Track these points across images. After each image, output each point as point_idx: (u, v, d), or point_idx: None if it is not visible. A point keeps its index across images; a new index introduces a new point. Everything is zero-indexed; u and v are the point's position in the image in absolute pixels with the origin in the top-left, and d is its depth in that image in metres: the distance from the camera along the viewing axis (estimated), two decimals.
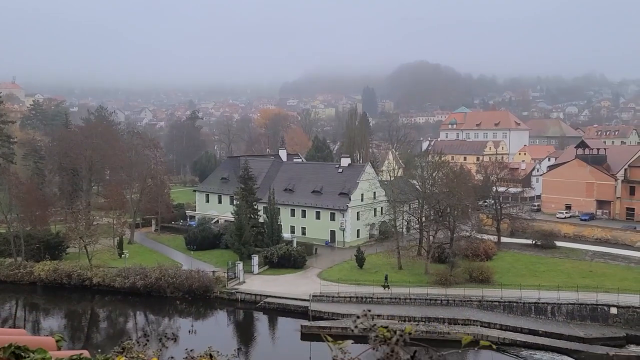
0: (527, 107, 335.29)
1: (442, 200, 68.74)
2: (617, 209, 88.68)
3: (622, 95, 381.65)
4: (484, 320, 52.45)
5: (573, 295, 54.67)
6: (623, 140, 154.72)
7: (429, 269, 63.28)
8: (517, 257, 71.15)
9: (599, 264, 66.92)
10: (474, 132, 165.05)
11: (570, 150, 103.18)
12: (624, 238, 78.20)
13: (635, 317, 51.91)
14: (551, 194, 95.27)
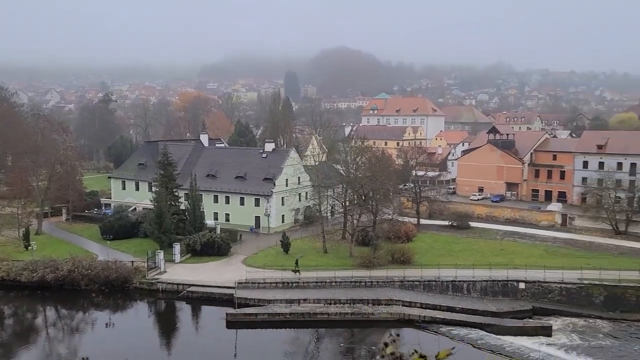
0: (442, 94, 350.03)
1: (366, 185, 70.11)
2: (524, 190, 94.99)
3: (527, 84, 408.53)
4: (406, 299, 54.34)
5: (486, 272, 58.01)
6: (529, 126, 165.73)
7: (354, 252, 64.48)
8: (436, 237, 74.33)
9: (509, 242, 71.50)
10: (394, 117, 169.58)
11: (483, 135, 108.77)
12: (530, 218, 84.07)
13: (541, 291, 56.06)
14: (465, 177, 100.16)
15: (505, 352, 45.33)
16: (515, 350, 45.75)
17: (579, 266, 57.71)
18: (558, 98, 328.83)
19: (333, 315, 52.36)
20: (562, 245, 69.16)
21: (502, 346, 46.69)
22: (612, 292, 54.28)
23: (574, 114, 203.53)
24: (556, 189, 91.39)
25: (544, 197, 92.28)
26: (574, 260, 60.67)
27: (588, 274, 56.09)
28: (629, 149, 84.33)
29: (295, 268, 58.92)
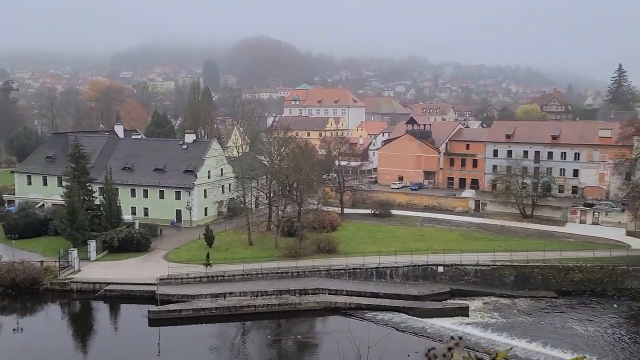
0: (362, 86, 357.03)
1: (290, 175, 70.01)
2: (440, 178, 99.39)
3: (440, 77, 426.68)
4: (332, 288, 55.06)
5: (408, 258, 60.10)
6: (443, 116, 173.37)
7: (279, 243, 64.27)
8: (359, 226, 75.86)
9: (428, 228, 74.52)
10: (315, 108, 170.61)
11: (401, 126, 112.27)
12: (447, 204, 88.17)
13: (458, 273, 58.99)
14: (386, 167, 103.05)
15: (427, 334, 47.19)
16: (437, 331, 47.72)
17: (491, 249, 61.34)
18: (469, 90, 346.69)
19: (260, 307, 51.96)
20: (476, 230, 73.19)
21: (424, 328, 48.57)
22: (521, 271, 58.24)
23: (484, 105, 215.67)
24: (469, 176, 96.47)
25: (458, 184, 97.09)
26: (487, 244, 64.38)
27: (500, 256, 59.77)
28: (533, 138, 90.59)
29: (206, 262, 57.67)
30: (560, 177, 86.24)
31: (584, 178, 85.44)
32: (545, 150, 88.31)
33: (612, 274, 57.58)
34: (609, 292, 56.40)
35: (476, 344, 44.77)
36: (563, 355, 42.36)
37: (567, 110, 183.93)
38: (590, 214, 76.66)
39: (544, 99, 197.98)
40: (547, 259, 58.96)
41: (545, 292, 56.56)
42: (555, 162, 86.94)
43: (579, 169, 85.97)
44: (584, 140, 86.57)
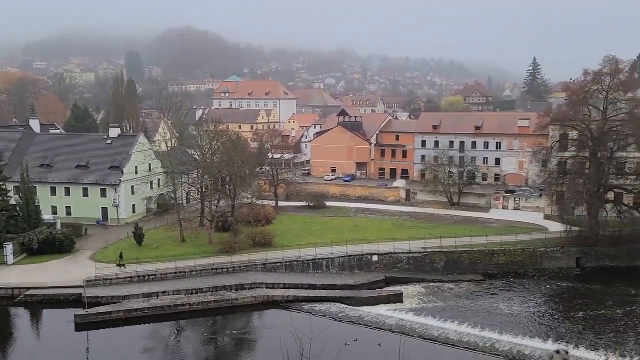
0: (292, 78, 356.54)
1: (223, 169, 68.60)
2: (372, 169, 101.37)
3: (369, 69, 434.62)
4: (269, 281, 54.68)
5: (343, 249, 60.84)
6: (373, 108, 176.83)
7: (214, 238, 62.95)
8: (294, 219, 75.84)
9: (362, 219, 75.81)
10: (246, 101, 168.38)
11: (333, 118, 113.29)
12: (379, 195, 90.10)
13: (392, 262, 60.47)
14: (319, 159, 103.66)
15: (364, 322, 48.02)
16: (373, 318, 48.69)
17: (423, 236, 63.38)
18: (397, 82, 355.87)
19: (195, 305, 50.68)
20: (408, 219, 75.35)
21: (360, 317, 49.35)
22: (451, 257, 60.65)
23: (411, 97, 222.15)
24: (400, 167, 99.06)
25: (389, 174, 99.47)
26: (418, 232, 66.42)
27: (431, 243, 61.91)
28: (458, 129, 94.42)
29: (119, 262, 55.46)
30: (484, 166, 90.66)
31: (505, 166, 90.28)
32: (469, 140, 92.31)
33: (533, 256, 61.29)
34: (530, 273, 60.03)
35: (411, 329, 46.17)
36: (492, 335, 44.55)
37: (488, 101, 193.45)
38: (511, 200, 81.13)
39: (466, 90, 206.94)
40: (474, 244, 61.74)
41: (473, 276, 59.25)
42: (479, 151, 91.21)
43: (500, 157, 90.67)
44: (504, 130, 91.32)
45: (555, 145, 70.02)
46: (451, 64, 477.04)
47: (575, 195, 63.49)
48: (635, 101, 64.00)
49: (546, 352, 40.68)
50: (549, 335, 44.73)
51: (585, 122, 65.04)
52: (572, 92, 69.01)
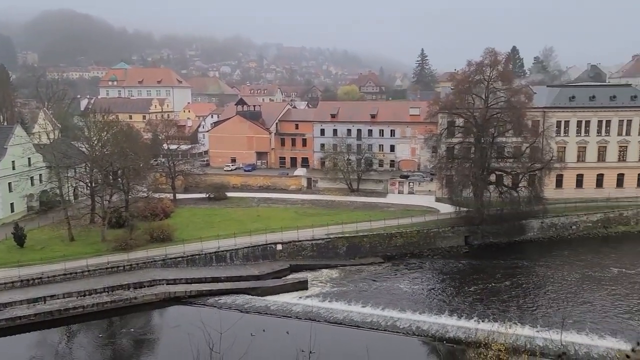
0: (185, 66, 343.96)
1: (115, 162, 64.55)
2: (272, 158, 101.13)
3: (265, 58, 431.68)
4: (170, 277, 52.65)
5: (247, 239, 60.18)
6: (271, 97, 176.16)
7: (107, 235, 59.23)
8: (194, 211, 73.58)
9: (264, 208, 75.46)
10: (137, 89, 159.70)
11: (231, 107, 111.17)
12: (281, 183, 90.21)
13: (295, 250, 60.93)
14: (218, 149, 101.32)
15: (271, 312, 48.01)
16: (279, 307, 48.83)
17: (325, 223, 64.54)
18: (293, 71, 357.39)
19: (89, 307, 47.49)
20: (310, 206, 76.31)
21: (267, 306, 49.27)
22: (352, 242, 62.45)
23: (308, 86, 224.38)
24: (300, 155, 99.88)
25: (290, 163, 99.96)
26: (320, 219, 67.53)
27: (333, 229, 63.26)
28: (355, 117, 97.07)
29: None
30: (380, 153, 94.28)
31: (400, 152, 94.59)
32: (365, 128, 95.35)
33: (427, 237, 65.01)
34: (425, 253, 63.67)
35: (317, 314, 46.97)
36: (393, 314, 46.63)
37: (381, 90, 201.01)
38: (406, 184, 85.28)
39: (361, 80, 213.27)
40: (373, 228, 64.08)
41: (374, 259, 61.56)
42: (375, 139, 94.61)
43: (395, 144, 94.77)
44: (397, 118, 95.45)
45: (444, 132, 74.47)
46: (345, 53, 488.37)
47: (463, 178, 68.16)
48: (512, 90, 69.75)
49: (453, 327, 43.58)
50: (444, 309, 47.77)
51: (469, 110, 69.79)
52: (457, 81, 73.60)
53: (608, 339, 40.63)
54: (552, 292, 51.27)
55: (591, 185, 78.89)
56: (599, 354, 38.32)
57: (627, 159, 78.93)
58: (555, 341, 36.84)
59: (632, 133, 78.36)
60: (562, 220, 70.55)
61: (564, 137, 78.60)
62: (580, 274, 55.96)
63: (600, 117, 78.46)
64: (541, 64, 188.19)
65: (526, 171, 68.87)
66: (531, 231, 69.48)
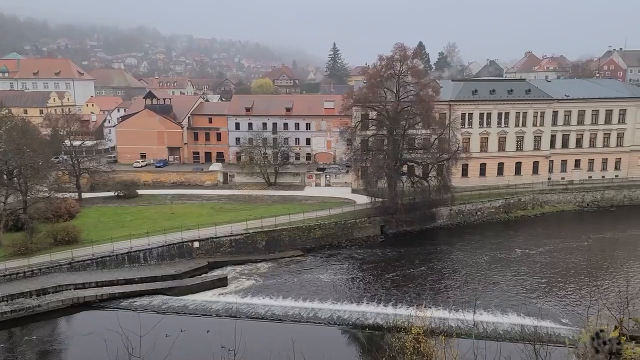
0: (86, 57, 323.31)
1: (10, 160, 59.28)
2: (186, 153, 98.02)
3: (173, 49, 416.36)
4: (78, 281, 49.52)
5: (161, 238, 57.93)
6: (182, 90, 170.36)
7: (3, 240, 54.41)
8: (103, 210, 69.60)
9: (179, 205, 73.00)
10: (31, 81, 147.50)
11: (139, 100, 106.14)
12: (195, 179, 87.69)
13: (214, 246, 59.64)
14: (126, 145, 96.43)
15: (189, 311, 46.66)
16: (199, 306, 47.62)
17: (244, 218, 63.73)
18: (204, 64, 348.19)
19: None
20: (227, 202, 74.94)
21: (185, 305, 47.85)
22: (271, 236, 62.20)
23: (221, 79, 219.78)
24: (215, 150, 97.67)
25: (204, 158, 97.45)
26: (238, 214, 66.57)
27: (252, 224, 62.59)
28: (270, 111, 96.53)
29: None
30: (296, 146, 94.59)
31: (315, 145, 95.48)
32: (281, 121, 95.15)
33: (344, 228, 66.29)
34: (344, 243, 64.93)
35: (238, 310, 46.33)
36: (314, 305, 47.10)
37: (295, 84, 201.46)
38: (323, 177, 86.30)
39: (274, 73, 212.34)
40: (292, 222, 64.24)
41: (293, 252, 61.74)
42: (291, 132, 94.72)
43: (310, 137, 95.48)
44: (312, 111, 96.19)
45: (358, 125, 76.14)
46: (257, 46, 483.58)
47: (377, 169, 70.18)
48: (420, 85, 72.75)
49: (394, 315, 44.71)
50: (364, 297, 49.04)
51: (382, 104, 71.89)
52: (369, 76, 75.45)
53: (511, 316, 43.81)
54: (464, 275, 54.38)
55: (493, 173, 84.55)
56: (504, 330, 41.19)
57: (524, 148, 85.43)
58: (468, 321, 39.08)
59: (527, 124, 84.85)
60: (469, 207, 74.97)
61: (468, 128, 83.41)
62: (490, 256, 59.88)
63: (499, 110, 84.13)
64: (445, 59, 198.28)
65: (435, 161, 72.28)
66: (441, 218, 73.17)
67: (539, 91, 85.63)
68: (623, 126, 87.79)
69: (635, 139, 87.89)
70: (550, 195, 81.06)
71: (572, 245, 63.16)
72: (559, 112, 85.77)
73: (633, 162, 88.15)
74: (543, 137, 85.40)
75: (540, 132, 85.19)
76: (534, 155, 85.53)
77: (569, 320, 42.19)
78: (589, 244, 63.68)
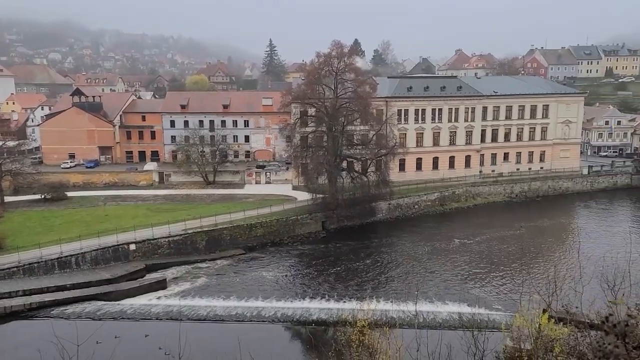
0: (4, 52, 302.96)
1: None
2: (118, 153, 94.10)
3: (101, 44, 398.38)
4: (4, 290, 46.38)
5: (95, 241, 55.33)
6: (112, 87, 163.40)
7: None
8: (28, 215, 65.54)
9: (113, 207, 69.97)
10: None
11: (66, 98, 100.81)
12: (130, 179, 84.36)
13: (151, 248, 57.67)
14: (52, 145, 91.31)
15: (127, 316, 44.89)
16: (137, 310, 45.90)
17: (182, 218, 62.06)
18: (135, 60, 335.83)
19: None
20: (164, 202, 72.71)
21: (123, 310, 46.00)
22: (212, 235, 60.94)
23: (153, 75, 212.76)
24: (149, 148, 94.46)
25: (138, 157, 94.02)
26: (177, 214, 64.74)
27: (191, 224, 61.07)
28: (206, 108, 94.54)
29: None
30: (235, 144, 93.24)
31: (254, 143, 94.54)
32: (218, 119, 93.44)
33: (286, 225, 66.10)
34: (286, 240, 64.73)
35: (179, 313, 45.10)
36: (257, 303, 46.65)
37: (231, 80, 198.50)
38: (263, 174, 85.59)
39: (210, 69, 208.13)
40: (233, 220, 63.27)
41: (235, 251, 60.84)
42: (229, 129, 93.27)
43: (249, 135, 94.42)
44: (250, 108, 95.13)
45: (297, 122, 76.09)
46: (190, 42, 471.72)
47: (317, 166, 70.50)
48: (358, 81, 73.70)
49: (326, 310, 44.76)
50: (307, 293, 49.11)
51: (320, 100, 72.23)
52: (307, 72, 75.63)
53: (451, 305, 45.38)
54: (405, 267, 55.70)
55: (429, 167, 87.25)
56: (444, 319, 42.59)
57: (457, 143, 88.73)
58: (410, 311, 40.06)
59: (459, 120, 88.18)
60: (406, 201, 76.94)
61: (404, 124, 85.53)
62: (430, 247, 61.78)
63: (433, 106, 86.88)
64: (380, 56, 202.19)
65: (374, 157, 73.56)
66: (380, 212, 74.62)
67: (469, 88, 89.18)
68: (546, 121, 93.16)
69: (558, 132, 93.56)
70: (482, 188, 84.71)
71: (506, 234, 66.37)
72: (489, 108, 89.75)
73: (556, 154, 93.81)
74: (474, 132, 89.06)
75: (471, 127, 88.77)
76: (466, 150, 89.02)
77: (503, 306, 44.23)
78: (521, 233, 67.14)
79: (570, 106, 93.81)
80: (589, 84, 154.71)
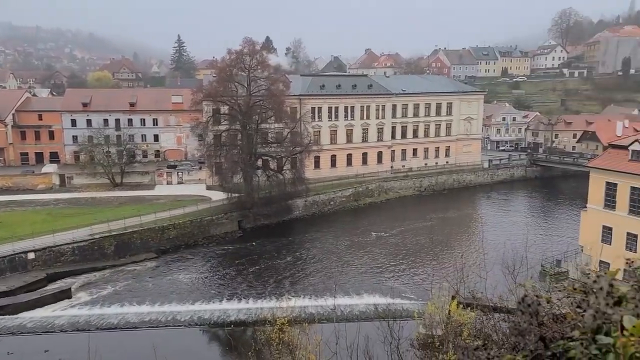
0: None
1: None
2: (11, 155, 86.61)
3: None
4: None
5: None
6: (2, 84, 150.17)
7: None
8: None
9: (7, 213, 64.27)
10: None
11: None
12: (26, 183, 77.89)
13: (53, 256, 53.68)
14: None
15: (27, 330, 41.49)
16: (38, 323, 42.58)
17: (88, 223, 58.35)
18: (28, 54, 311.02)
19: None
20: (67, 206, 67.96)
21: (22, 325, 42.46)
22: (121, 239, 57.87)
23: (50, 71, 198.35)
24: (47, 149, 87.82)
25: (35, 159, 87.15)
26: (81, 219, 60.75)
27: (98, 229, 57.58)
28: (111, 106, 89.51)
29: None
30: (143, 143, 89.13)
31: (164, 142, 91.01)
32: (125, 117, 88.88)
33: (201, 226, 64.33)
34: (200, 242, 62.99)
35: (87, 323, 42.44)
36: (172, 308, 45.01)
37: (138, 77, 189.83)
38: (174, 174, 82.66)
39: (114, 66, 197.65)
40: (143, 223, 60.46)
41: (146, 254, 58.20)
42: (137, 128, 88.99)
43: (158, 133, 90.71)
44: (159, 106, 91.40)
45: (210, 120, 74.29)
46: (91, 36, 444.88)
47: (232, 164, 69.29)
48: (271, 79, 73.33)
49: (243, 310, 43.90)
50: (224, 294, 48.15)
51: (233, 98, 71.02)
52: (219, 69, 74.00)
53: (367, 297, 46.56)
54: (323, 262, 56.30)
55: (343, 164, 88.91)
56: (360, 311, 43.61)
57: (369, 139, 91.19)
58: (329, 306, 40.56)
59: (371, 117, 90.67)
60: (322, 198, 77.87)
61: (318, 122, 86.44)
62: (348, 241, 62.92)
63: (345, 104, 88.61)
64: (292, 54, 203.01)
65: (289, 155, 73.65)
66: (297, 210, 74.90)
67: (379, 86, 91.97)
68: (450, 117, 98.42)
69: (460, 128, 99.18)
70: (393, 183, 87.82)
71: (418, 226, 69.26)
72: (398, 106, 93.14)
73: (459, 149, 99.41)
74: (385, 128, 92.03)
75: (382, 124, 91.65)
76: (377, 146, 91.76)
77: (416, 295, 46.10)
78: (432, 224, 70.38)
79: (472, 104, 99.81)
80: (487, 83, 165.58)
